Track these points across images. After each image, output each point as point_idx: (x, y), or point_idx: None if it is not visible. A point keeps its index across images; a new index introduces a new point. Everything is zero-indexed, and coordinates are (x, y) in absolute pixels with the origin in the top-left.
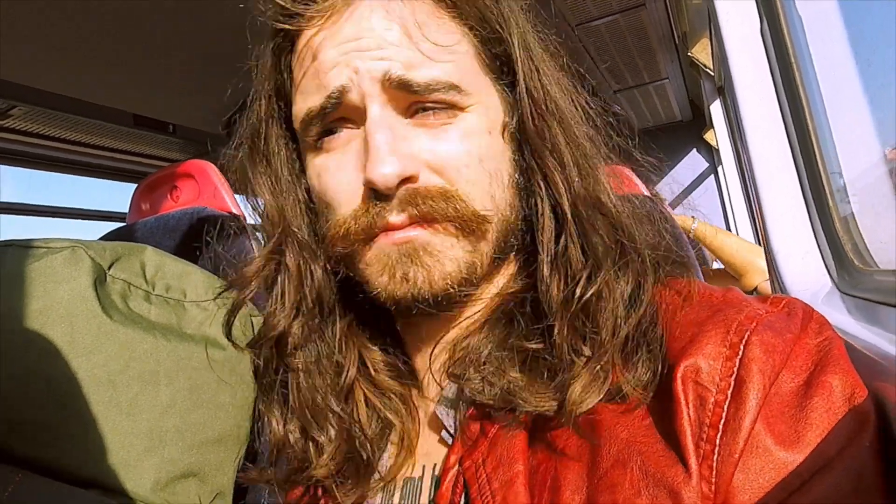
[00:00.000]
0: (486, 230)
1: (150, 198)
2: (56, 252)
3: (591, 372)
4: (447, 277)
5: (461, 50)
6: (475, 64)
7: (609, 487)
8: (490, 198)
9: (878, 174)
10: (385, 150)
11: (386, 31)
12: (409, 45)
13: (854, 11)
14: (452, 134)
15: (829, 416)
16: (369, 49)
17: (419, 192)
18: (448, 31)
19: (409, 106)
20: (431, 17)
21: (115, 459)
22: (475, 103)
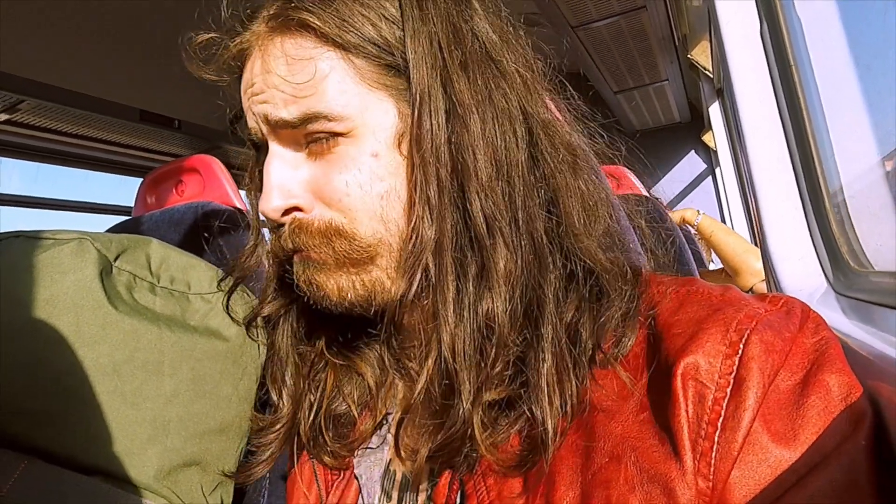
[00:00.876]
0: (373, 256)
1: (156, 191)
2: (63, 243)
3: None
4: (342, 292)
5: (333, 78)
6: (356, 85)
7: (603, 483)
8: (381, 221)
9: (875, 177)
10: (271, 185)
11: (266, 76)
12: (283, 84)
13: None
14: (336, 164)
15: (826, 414)
16: (256, 94)
17: (302, 225)
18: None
19: (301, 139)
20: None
21: (118, 448)
22: (356, 125)
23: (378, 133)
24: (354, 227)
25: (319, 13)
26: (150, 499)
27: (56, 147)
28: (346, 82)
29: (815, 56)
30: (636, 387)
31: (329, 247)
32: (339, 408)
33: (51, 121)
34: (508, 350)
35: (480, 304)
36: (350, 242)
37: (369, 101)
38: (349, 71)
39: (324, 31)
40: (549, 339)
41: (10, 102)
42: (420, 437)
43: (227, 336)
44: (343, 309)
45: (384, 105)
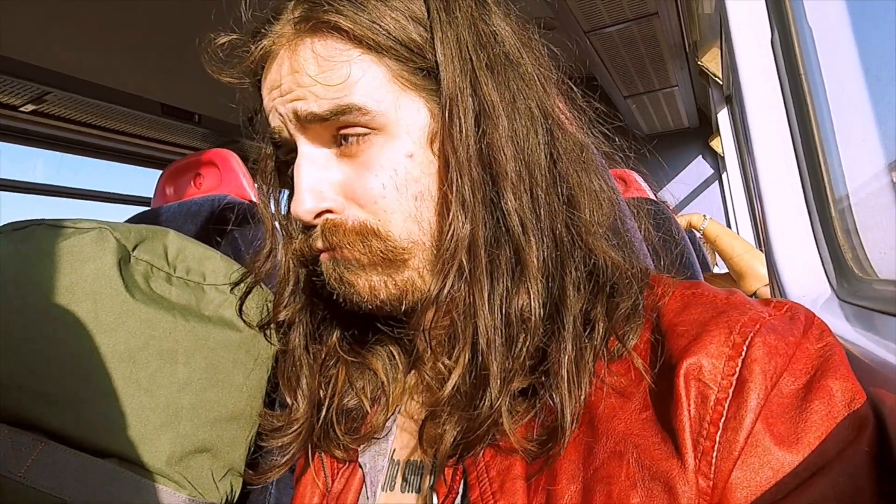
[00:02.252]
0: (407, 257)
1: (175, 183)
2: (83, 232)
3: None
4: (374, 290)
5: (366, 77)
6: (388, 83)
7: (605, 479)
8: (415, 222)
9: (881, 185)
10: (303, 188)
11: (295, 75)
12: (313, 83)
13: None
14: (371, 165)
15: (829, 419)
16: (284, 93)
17: (336, 225)
18: (350, 64)
19: (332, 138)
20: (333, 53)
21: (132, 432)
22: (389, 121)
23: (412, 132)
24: (389, 229)
25: (351, 15)
26: (162, 483)
27: (80, 138)
28: (379, 81)
29: (825, 65)
30: (639, 385)
31: (365, 245)
32: (350, 402)
33: (75, 112)
34: (536, 341)
35: (515, 299)
36: (385, 243)
37: (402, 101)
38: (381, 71)
39: (356, 34)
40: (570, 330)
41: (36, 94)
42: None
43: (241, 327)
44: (373, 307)
45: (416, 105)
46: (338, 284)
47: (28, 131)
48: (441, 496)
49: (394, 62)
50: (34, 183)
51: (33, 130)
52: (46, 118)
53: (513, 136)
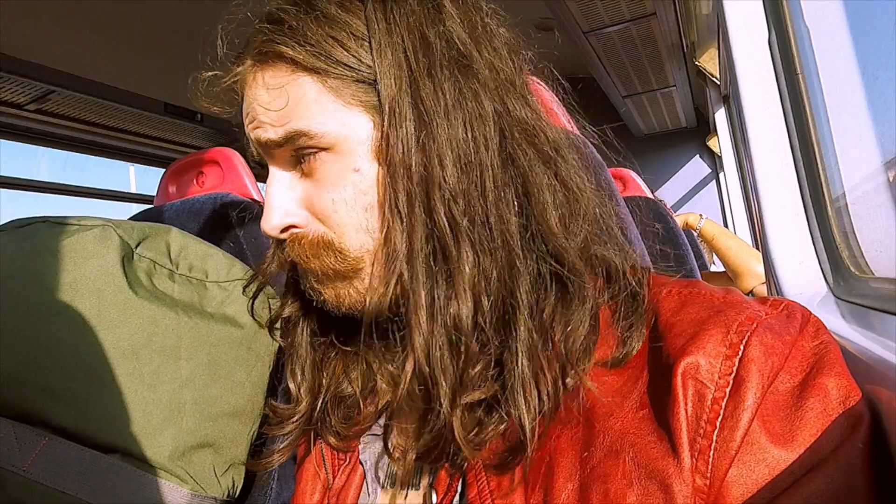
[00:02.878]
0: (358, 268)
1: (177, 182)
2: (87, 229)
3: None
4: (339, 299)
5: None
6: (330, 103)
7: (601, 477)
8: (367, 233)
9: (877, 184)
10: (270, 205)
11: (253, 104)
12: (265, 113)
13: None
14: (322, 183)
15: (824, 417)
16: (250, 122)
17: (296, 239)
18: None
19: (293, 159)
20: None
21: (135, 428)
22: (336, 141)
23: (358, 148)
24: (342, 241)
25: (291, 44)
26: (164, 478)
27: (83, 136)
28: (322, 102)
29: (822, 65)
30: (636, 384)
31: (318, 258)
32: (346, 390)
33: (79, 111)
34: (482, 353)
35: (448, 310)
36: (336, 255)
37: (346, 118)
38: (324, 91)
39: (297, 60)
40: (523, 340)
41: (40, 93)
42: (408, 438)
43: (243, 323)
44: (343, 313)
45: (360, 119)
46: (311, 292)
47: (32, 130)
48: (440, 494)
49: (337, 81)
50: (38, 181)
51: (38, 129)
52: (51, 117)
53: (453, 141)
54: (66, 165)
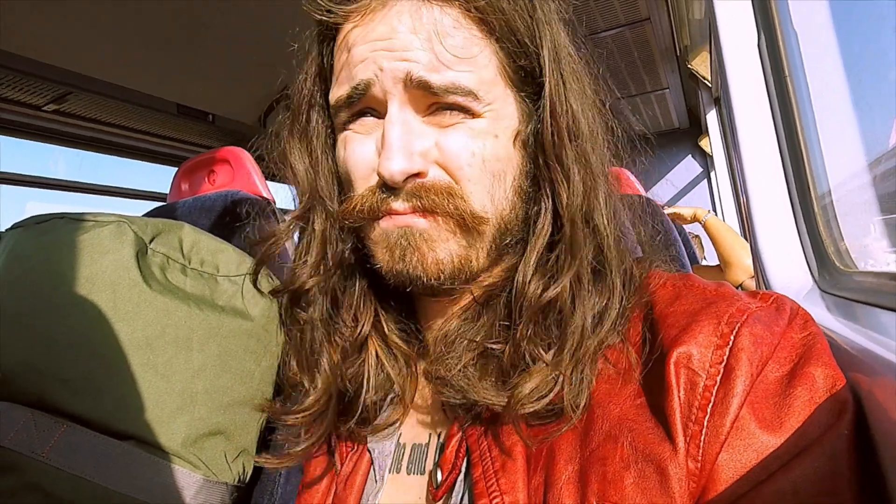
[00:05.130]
0: (482, 229)
1: (190, 180)
2: (103, 225)
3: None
4: (439, 264)
5: (482, 60)
6: (496, 75)
7: (600, 460)
8: (490, 197)
9: (861, 182)
10: (395, 147)
11: (412, 35)
12: (432, 50)
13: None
14: (460, 133)
15: (811, 404)
16: (395, 49)
17: (424, 187)
18: (471, 42)
19: (427, 105)
20: (458, 26)
21: (150, 416)
22: (489, 110)
23: (502, 122)
24: (469, 194)
25: None
26: (178, 464)
27: (99, 136)
28: (492, 70)
29: (809, 67)
30: (633, 372)
31: (450, 204)
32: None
33: (95, 112)
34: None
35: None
36: (467, 204)
37: (501, 94)
38: (494, 59)
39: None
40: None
41: (58, 94)
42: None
43: (253, 316)
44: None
45: (509, 100)
46: (402, 254)
47: (50, 129)
48: (445, 472)
49: (504, 53)
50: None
51: (55, 129)
52: (68, 117)
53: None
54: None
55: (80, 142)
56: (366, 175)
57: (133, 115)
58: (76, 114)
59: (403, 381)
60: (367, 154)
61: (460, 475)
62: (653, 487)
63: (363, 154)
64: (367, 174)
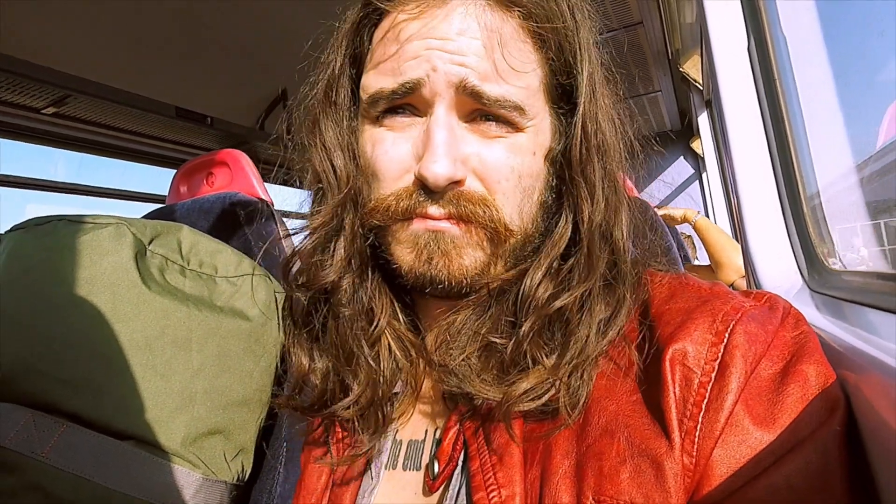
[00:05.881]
0: (509, 242)
1: (188, 182)
2: (102, 227)
3: (541, 380)
4: (463, 270)
5: (533, 76)
6: (541, 90)
7: (596, 455)
8: (519, 212)
9: (849, 184)
10: (441, 151)
11: (472, 40)
12: (489, 59)
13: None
14: (502, 147)
15: (803, 401)
16: (452, 52)
17: (463, 195)
18: (526, 56)
19: (471, 112)
20: (515, 38)
21: (149, 415)
22: (531, 126)
23: (539, 138)
24: (499, 207)
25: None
26: (177, 463)
27: (98, 139)
28: (538, 86)
29: (798, 71)
30: (630, 369)
31: (486, 215)
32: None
33: (94, 114)
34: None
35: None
36: (500, 214)
37: (543, 110)
38: (541, 75)
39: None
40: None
41: (58, 97)
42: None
43: (251, 316)
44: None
45: (547, 117)
46: (428, 258)
47: (50, 132)
48: (442, 465)
49: (549, 70)
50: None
51: (55, 131)
52: (67, 120)
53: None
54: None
55: (80, 144)
56: (398, 175)
57: (132, 118)
58: (76, 117)
59: (410, 372)
60: (402, 154)
61: (457, 468)
62: (648, 482)
63: (398, 154)
64: (399, 174)
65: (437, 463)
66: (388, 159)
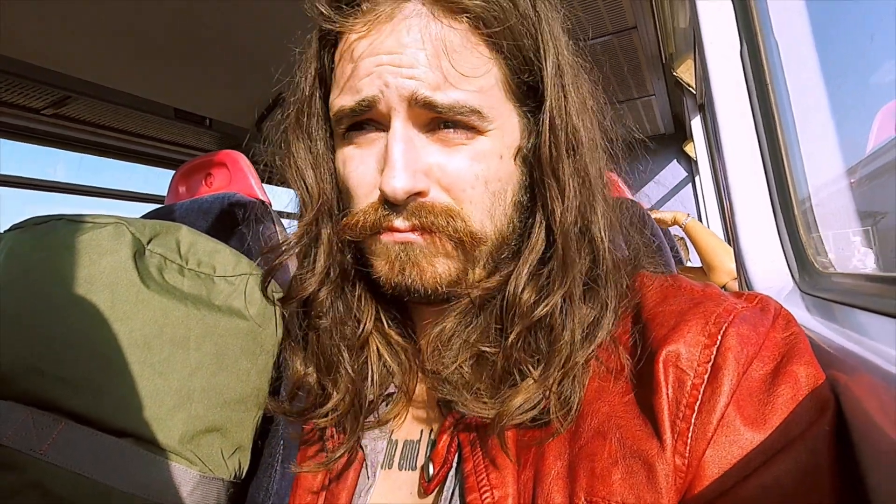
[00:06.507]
0: (481, 248)
1: (187, 182)
2: (101, 227)
3: (531, 394)
4: (437, 278)
5: (488, 78)
6: (500, 91)
7: (589, 456)
8: (489, 217)
9: (840, 187)
10: (399, 166)
11: (419, 52)
12: (439, 67)
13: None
14: (464, 155)
15: (794, 402)
16: (402, 66)
17: (425, 207)
18: (477, 59)
19: (429, 122)
20: (465, 43)
21: (147, 413)
22: (493, 128)
23: (505, 139)
24: (466, 216)
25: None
26: (175, 461)
27: (98, 140)
28: (496, 86)
29: (790, 75)
30: (622, 371)
31: (451, 226)
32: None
33: (94, 116)
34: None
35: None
36: (466, 225)
37: (506, 110)
38: (499, 75)
39: (486, 24)
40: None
41: (57, 98)
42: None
43: (248, 315)
44: (427, 294)
45: (513, 116)
46: (401, 268)
47: (49, 133)
48: (436, 467)
49: (507, 69)
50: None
51: (54, 132)
52: (67, 121)
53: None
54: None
55: (79, 145)
56: (367, 192)
57: (131, 119)
58: (75, 118)
59: (404, 375)
60: (368, 171)
61: (452, 469)
62: (640, 483)
63: (365, 171)
64: (368, 191)
65: (433, 465)
66: (357, 176)
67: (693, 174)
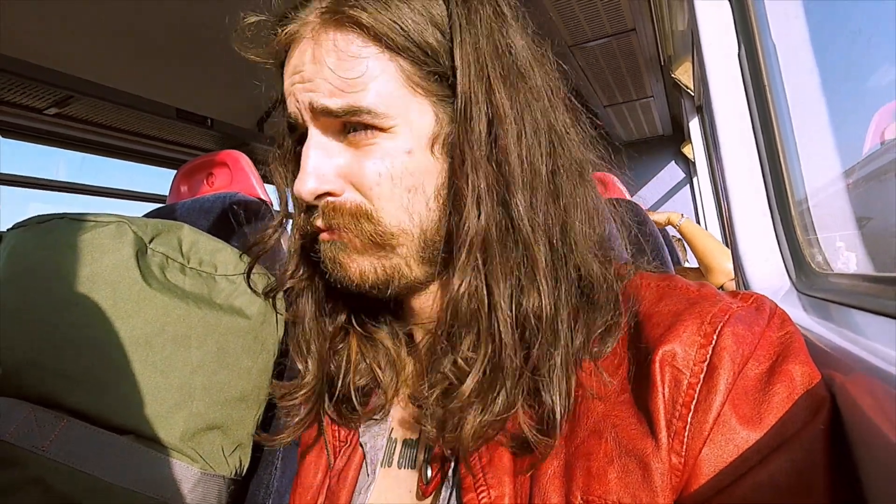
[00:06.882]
0: (395, 244)
1: (189, 182)
2: (103, 226)
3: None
4: (363, 274)
5: (383, 77)
6: (402, 87)
7: (584, 455)
8: (407, 213)
9: (837, 188)
10: (308, 170)
11: (314, 64)
12: (332, 76)
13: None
14: (370, 154)
15: (789, 400)
16: (304, 81)
17: (333, 207)
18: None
19: (341, 128)
20: (354, 49)
21: (149, 411)
22: (397, 124)
23: (415, 132)
24: (381, 214)
25: (373, 13)
26: (176, 458)
27: (100, 139)
28: (393, 84)
29: (787, 78)
30: (618, 370)
31: (358, 227)
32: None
33: (96, 115)
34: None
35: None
36: (376, 226)
37: (411, 104)
38: (396, 73)
39: (376, 31)
40: (563, 333)
41: (60, 98)
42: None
43: (249, 314)
44: (363, 290)
45: (423, 108)
46: (331, 265)
47: (52, 133)
48: (435, 469)
49: (409, 64)
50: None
51: (57, 132)
52: (69, 121)
53: (520, 143)
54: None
55: (82, 145)
56: None
57: (133, 119)
58: (78, 117)
59: (384, 369)
60: None
61: (449, 470)
62: (636, 482)
63: None
64: None
65: (430, 466)
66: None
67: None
